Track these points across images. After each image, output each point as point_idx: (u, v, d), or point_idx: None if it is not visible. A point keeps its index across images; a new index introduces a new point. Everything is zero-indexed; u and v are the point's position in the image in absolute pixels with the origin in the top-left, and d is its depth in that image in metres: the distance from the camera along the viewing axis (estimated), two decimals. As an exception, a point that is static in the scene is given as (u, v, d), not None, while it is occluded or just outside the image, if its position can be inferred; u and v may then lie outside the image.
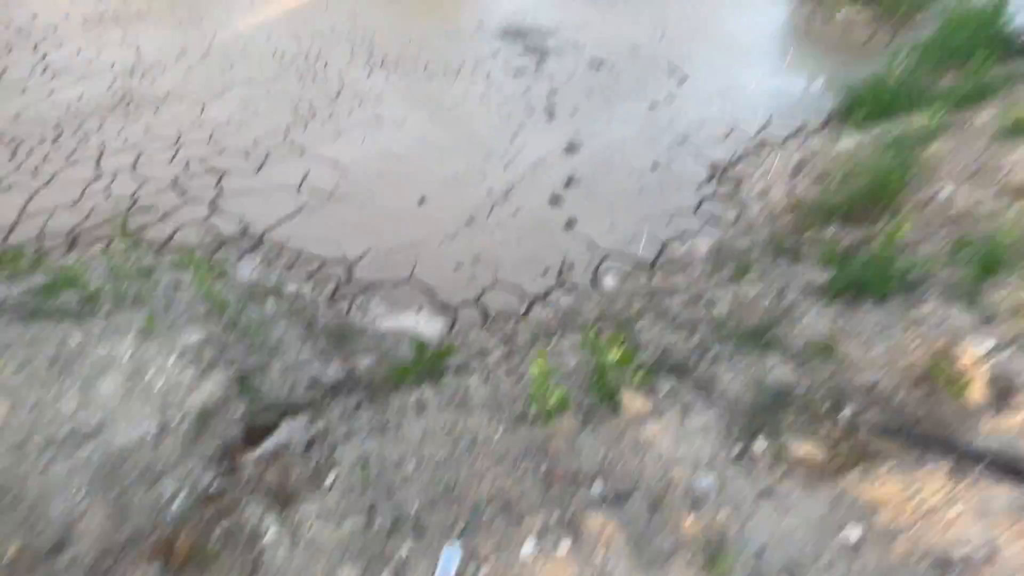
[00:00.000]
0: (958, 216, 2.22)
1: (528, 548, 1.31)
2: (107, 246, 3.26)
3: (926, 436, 1.28)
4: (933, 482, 1.24)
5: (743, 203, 3.44)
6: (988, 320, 1.54)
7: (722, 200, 3.54)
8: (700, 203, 3.54)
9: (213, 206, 3.65)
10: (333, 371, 2.23)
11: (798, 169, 3.48)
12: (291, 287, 2.91)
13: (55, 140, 4.43)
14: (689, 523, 1.32)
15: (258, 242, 3.33)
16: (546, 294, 2.91)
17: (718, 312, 2.02)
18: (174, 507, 1.46)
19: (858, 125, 3.65)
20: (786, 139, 4.11)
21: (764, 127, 4.30)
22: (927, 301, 1.62)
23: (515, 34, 6.10)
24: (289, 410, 1.89)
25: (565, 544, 1.32)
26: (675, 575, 1.22)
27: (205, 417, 1.66)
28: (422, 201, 3.66)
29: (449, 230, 3.40)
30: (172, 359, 1.75)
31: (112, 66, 5.70)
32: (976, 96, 3.19)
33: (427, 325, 2.75)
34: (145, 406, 1.61)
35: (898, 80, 3.90)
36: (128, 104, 4.95)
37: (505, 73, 5.29)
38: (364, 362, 2.38)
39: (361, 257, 3.21)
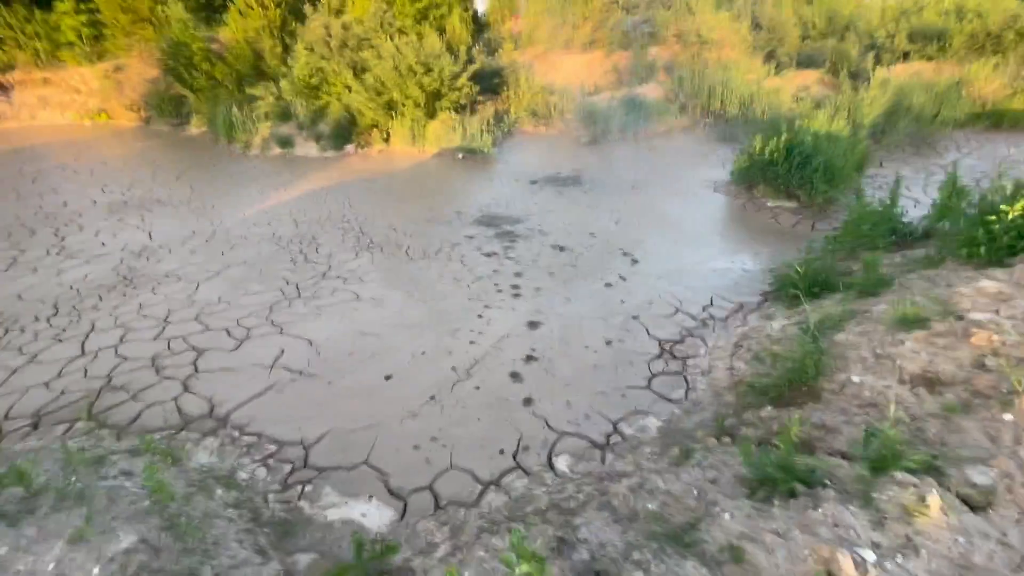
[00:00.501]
0: (867, 403, 2.42)
1: None
2: (67, 430, 3.30)
3: None
4: None
5: (689, 381, 3.66)
6: (879, 523, 1.63)
7: (671, 376, 3.76)
8: (651, 379, 3.75)
9: (185, 386, 3.78)
10: (268, 574, 2.15)
11: (738, 347, 3.79)
12: (244, 474, 2.91)
13: (49, 319, 4.71)
14: None
15: (221, 424, 3.39)
16: (499, 478, 2.92)
17: (652, 507, 2.07)
18: None
19: (785, 306, 4.08)
20: (727, 317, 4.52)
21: (707, 306, 4.74)
22: (826, 501, 1.72)
23: (489, 222, 6.96)
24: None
25: None
26: None
27: None
28: (389, 378, 3.83)
29: (412, 407, 3.51)
30: (96, 570, 1.72)
31: (123, 248, 6.29)
32: (875, 285, 3.67)
33: (377, 514, 2.70)
34: None
35: (816, 265, 4.45)
36: (128, 284, 5.37)
37: (477, 256, 5.92)
38: (304, 560, 2.30)
39: (320, 439, 3.26)
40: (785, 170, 7.03)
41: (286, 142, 11.46)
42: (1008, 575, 1.49)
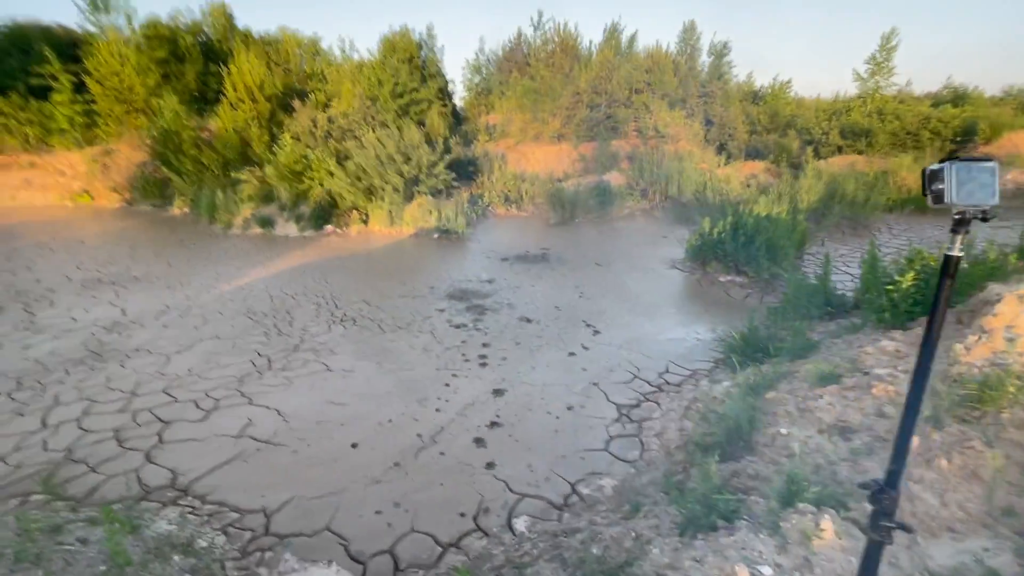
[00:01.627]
0: (793, 453, 2.66)
1: None
2: (21, 503, 3.25)
3: None
4: None
5: (644, 442, 3.86)
6: (782, 547, 1.82)
7: (627, 439, 3.95)
8: (608, 442, 3.93)
9: (148, 456, 3.78)
10: (221, 637, 2.16)
11: (688, 409, 4.03)
12: (203, 541, 2.90)
13: (11, 394, 4.67)
14: None
15: (182, 493, 3.39)
16: (459, 540, 2.99)
17: (596, 551, 2.21)
18: None
19: (732, 371, 4.40)
20: (681, 383, 4.79)
21: (663, 373, 5.03)
22: (739, 531, 1.91)
23: (460, 296, 7.29)
24: None
25: None
26: None
27: None
28: (355, 446, 3.91)
29: (376, 474, 3.58)
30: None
31: (94, 323, 6.34)
32: (804, 349, 4.04)
33: (335, 580, 2.72)
34: None
35: (759, 333, 4.84)
36: (96, 358, 5.40)
37: (447, 328, 6.17)
38: (258, 625, 2.31)
39: (282, 506, 3.28)
40: (732, 248, 7.69)
41: (267, 222, 11.90)
42: (894, 591, 1.68)
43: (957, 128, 19.01)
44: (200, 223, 12.89)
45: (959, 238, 1.03)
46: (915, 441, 2.31)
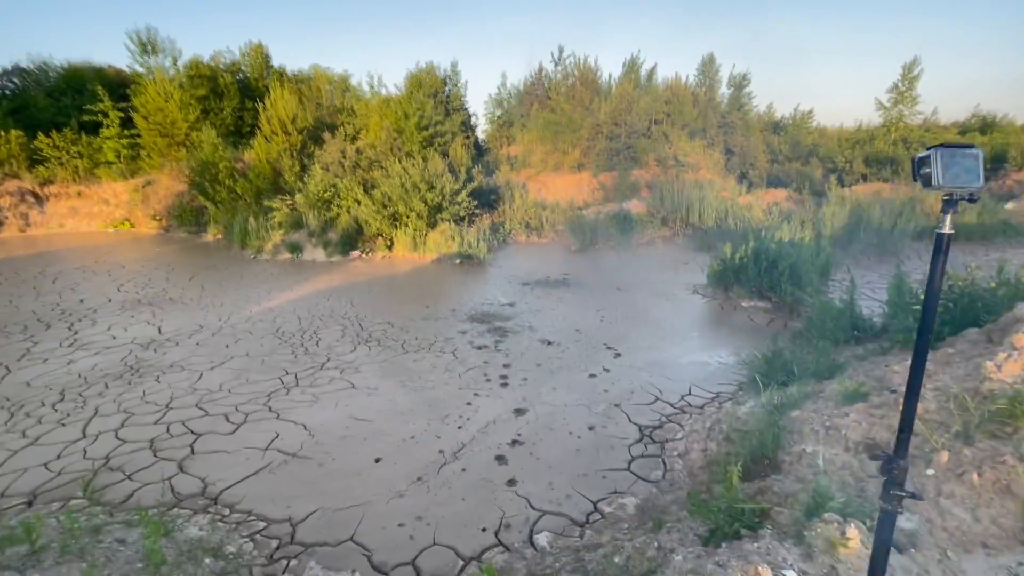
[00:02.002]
0: (820, 470, 2.63)
1: None
2: (61, 507, 3.38)
3: None
4: None
5: (667, 463, 3.82)
6: (808, 555, 1.80)
7: (650, 459, 3.92)
8: (630, 462, 3.90)
9: (180, 466, 3.91)
10: (249, 637, 2.20)
11: (711, 430, 3.99)
12: (231, 547, 2.98)
13: (55, 405, 4.90)
14: None
15: (212, 502, 3.48)
16: (481, 554, 2.99)
17: (618, 561, 2.20)
18: None
19: (756, 393, 4.35)
20: (704, 405, 4.75)
21: (685, 395, 4.99)
22: (763, 538, 1.89)
23: (481, 319, 7.39)
24: None
25: None
26: None
27: None
28: (379, 460, 3.97)
29: (399, 488, 3.62)
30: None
31: (132, 341, 6.62)
32: (831, 371, 3.99)
33: (358, 588, 2.75)
34: None
35: (783, 356, 4.79)
36: (134, 373, 5.62)
37: (470, 348, 6.25)
38: (284, 628, 2.35)
39: (308, 517, 3.34)
40: (755, 273, 7.65)
41: (296, 248, 12.31)
42: (925, 603, 1.65)
43: (986, 156, 18.68)
44: (232, 249, 13.40)
45: (948, 217, 1.09)
46: (944, 456, 2.27)
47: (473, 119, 22.12)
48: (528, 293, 8.83)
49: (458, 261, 11.31)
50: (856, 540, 1.80)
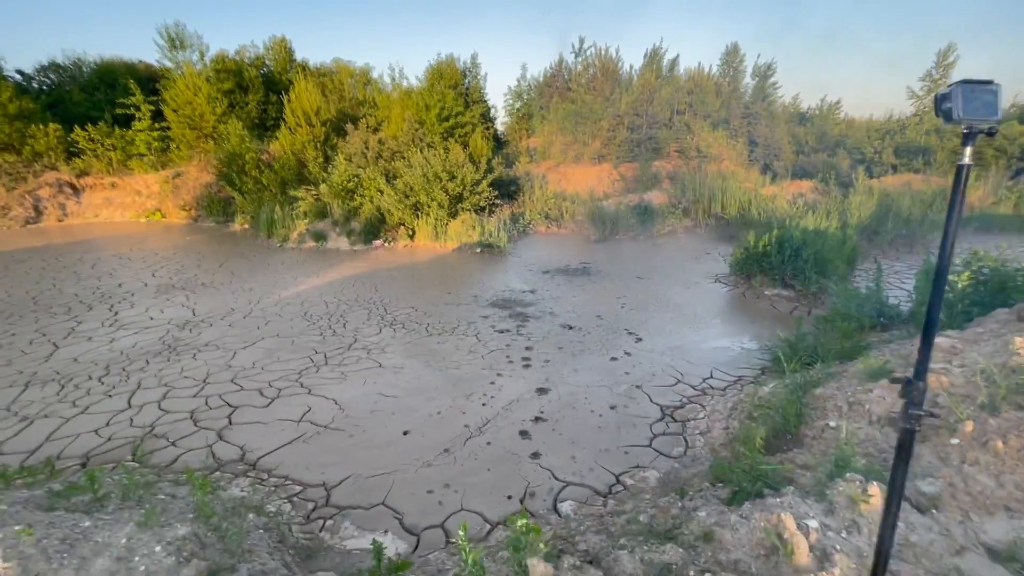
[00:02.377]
0: (840, 445, 2.66)
1: None
2: (113, 469, 3.60)
3: None
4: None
5: (688, 440, 3.88)
6: (830, 510, 1.85)
7: (671, 437, 3.98)
8: (652, 439, 3.97)
9: (220, 435, 4.11)
10: (293, 583, 2.35)
11: (733, 410, 4.03)
12: (271, 507, 3.15)
13: (101, 379, 5.17)
14: None
15: (251, 467, 3.67)
16: (507, 519, 3.11)
17: (643, 519, 2.28)
18: None
19: (779, 375, 4.36)
20: (726, 388, 4.78)
21: (707, 379, 5.03)
22: (786, 495, 1.95)
23: (503, 304, 7.49)
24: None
25: None
26: None
27: None
28: (407, 433, 4.12)
29: (427, 458, 3.76)
30: (158, 548, 1.99)
31: (169, 321, 6.90)
32: (855, 353, 3.98)
33: (392, 545, 2.89)
34: None
35: (807, 340, 4.79)
36: (172, 351, 5.88)
37: (492, 332, 6.36)
38: (325, 577, 2.49)
39: (341, 482, 3.50)
40: (778, 261, 7.59)
41: (320, 237, 12.57)
42: (946, 555, 1.69)
43: (1022, 144, 18.04)
44: (259, 238, 13.74)
45: (968, 149, 1.14)
46: (969, 426, 2.29)
47: (493, 111, 22.14)
48: (548, 281, 8.90)
49: (479, 250, 11.42)
50: (877, 497, 1.85)
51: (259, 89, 22.12)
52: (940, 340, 3.22)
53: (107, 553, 1.90)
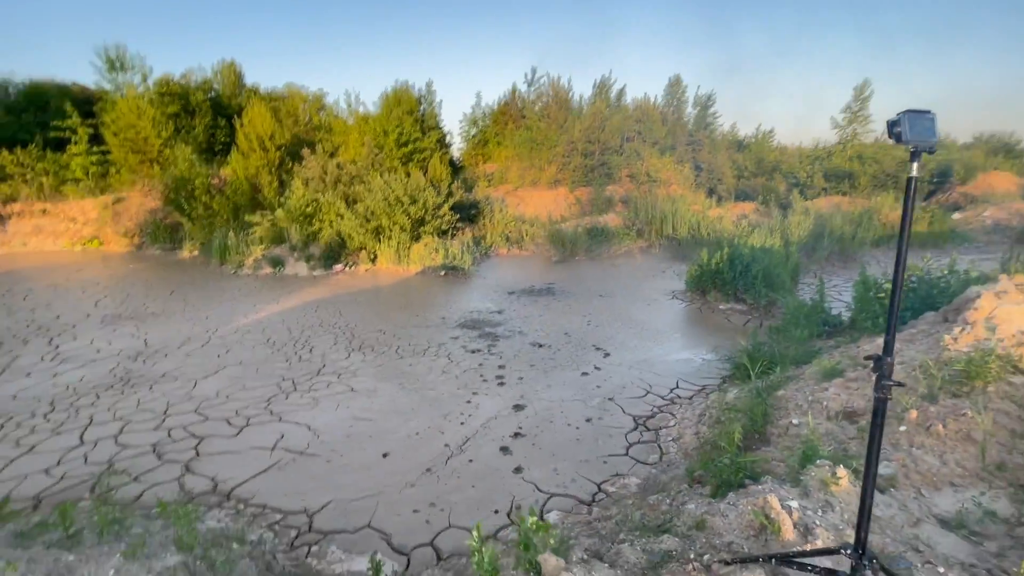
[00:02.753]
0: (806, 439, 2.90)
1: None
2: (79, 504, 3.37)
3: (756, 556, 1.64)
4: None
5: (663, 447, 4.05)
6: (804, 494, 2.03)
7: (646, 444, 4.15)
8: (628, 448, 4.12)
9: (187, 468, 3.93)
10: (287, 609, 2.30)
11: (701, 416, 4.25)
12: (253, 536, 3.04)
13: (46, 415, 4.83)
14: None
15: (225, 498, 3.53)
16: (496, 532, 3.14)
17: (635, 517, 2.39)
18: None
19: (741, 382, 4.64)
20: (692, 396, 5.02)
21: (673, 389, 5.27)
22: (765, 483, 2.13)
23: (472, 325, 7.56)
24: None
25: None
26: None
27: None
28: (386, 455, 4.08)
29: (409, 479, 3.74)
30: (149, 578, 1.92)
31: (118, 353, 6.53)
32: (808, 358, 4.32)
33: (383, 567, 2.85)
34: None
35: (764, 350, 5.12)
36: (125, 384, 5.57)
37: (463, 352, 6.40)
38: (318, 602, 2.45)
39: (323, 507, 3.43)
40: (731, 277, 8.07)
41: (277, 262, 12.25)
42: (906, 527, 1.90)
43: (933, 170, 20.05)
44: (211, 265, 13.20)
45: (915, 165, 1.36)
46: (914, 414, 2.57)
47: (448, 137, 22.44)
48: (515, 301, 9.05)
49: (443, 273, 11.46)
50: (845, 479, 2.05)
51: (207, 113, 21.50)
52: (879, 340, 3.58)
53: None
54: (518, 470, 3.85)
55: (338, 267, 12.21)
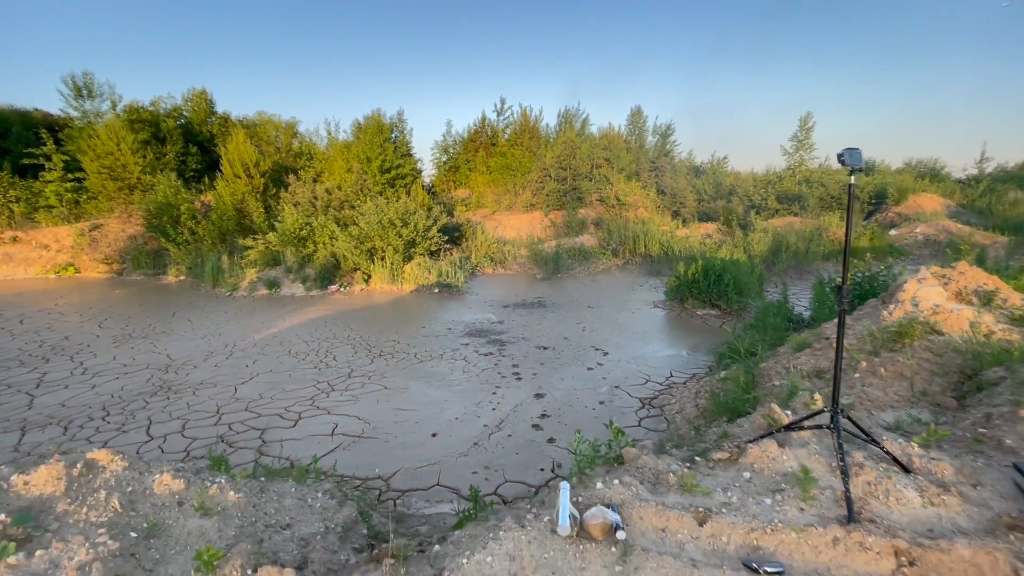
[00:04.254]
0: (786, 396, 3.75)
1: None
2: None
3: (769, 431, 2.43)
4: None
5: (668, 418, 4.84)
6: (795, 411, 2.85)
7: (653, 418, 4.93)
8: (640, 421, 4.89)
9: (259, 452, 4.44)
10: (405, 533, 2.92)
11: (697, 394, 5.08)
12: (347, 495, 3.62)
13: (104, 418, 5.20)
14: None
15: (305, 472, 4.07)
16: (547, 482, 3.83)
17: (671, 439, 3.15)
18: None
19: (726, 366, 5.53)
20: (686, 381, 5.86)
21: (668, 377, 6.10)
22: (765, 406, 2.94)
23: (478, 334, 8.24)
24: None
25: None
26: None
27: (347, 528, 2.35)
28: (435, 435, 4.70)
29: (461, 451, 4.38)
30: (320, 495, 2.51)
31: (147, 366, 6.87)
32: (781, 342, 5.26)
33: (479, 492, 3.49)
34: (312, 515, 2.31)
35: (745, 342, 6.04)
36: (167, 391, 5.96)
37: (477, 356, 7.07)
38: (424, 528, 3.07)
39: (394, 474, 4.03)
40: (705, 286, 9.09)
41: (273, 284, 12.60)
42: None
43: (871, 192, 22.23)
44: (201, 288, 13.39)
45: (853, 178, 2.20)
46: (864, 364, 3.45)
47: (419, 164, 23.27)
48: (511, 313, 9.79)
49: (436, 290, 12.10)
50: (820, 401, 2.87)
51: (178, 140, 21.56)
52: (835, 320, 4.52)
53: (291, 493, 2.43)
54: (551, 440, 4.55)
55: (333, 287, 12.66)
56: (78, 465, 2.02)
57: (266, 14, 56.05)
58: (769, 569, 1.60)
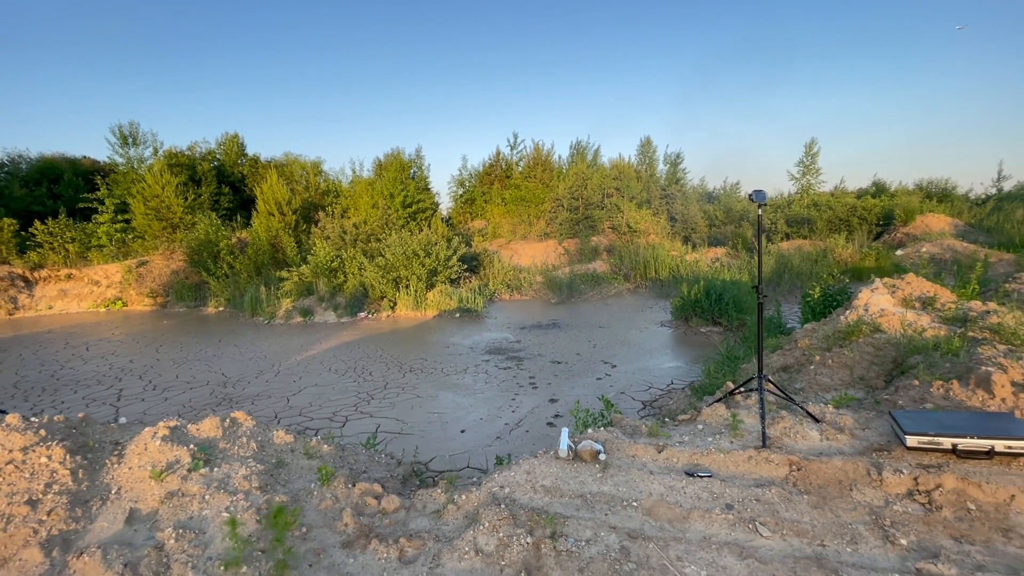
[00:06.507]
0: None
1: None
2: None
3: (720, 397, 3.17)
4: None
5: (665, 415, 5.55)
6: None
7: (653, 417, 5.64)
8: (640, 420, 5.60)
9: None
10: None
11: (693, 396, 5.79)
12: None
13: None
14: None
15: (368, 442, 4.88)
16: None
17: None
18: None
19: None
20: (684, 387, 6.56)
21: (669, 385, 6.81)
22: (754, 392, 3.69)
23: (497, 351, 9.04)
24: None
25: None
26: None
27: (405, 478, 3.15)
28: (463, 431, 5.48)
29: (486, 443, 5.15)
30: (383, 456, 3.31)
31: (207, 383, 7.81)
32: (772, 350, 5.98)
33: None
34: (380, 466, 3.11)
35: (735, 350, 6.74)
36: (229, 401, 6.86)
37: (497, 370, 7.86)
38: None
39: (431, 460, 4.81)
40: (707, 305, 9.80)
41: (307, 312, 13.64)
42: (808, 407, 3.45)
43: (879, 214, 22.74)
44: (240, 317, 14.50)
45: (760, 210, 2.97)
46: (818, 357, 4.17)
47: (436, 197, 24.58)
48: (528, 333, 10.59)
49: (457, 315, 12.98)
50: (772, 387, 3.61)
51: (212, 182, 23.27)
52: (808, 327, 5.22)
53: (362, 453, 3.25)
54: (563, 435, 5.29)
55: (362, 314, 13.64)
56: (226, 421, 2.88)
57: (292, 61, 59.70)
58: (701, 474, 2.34)
